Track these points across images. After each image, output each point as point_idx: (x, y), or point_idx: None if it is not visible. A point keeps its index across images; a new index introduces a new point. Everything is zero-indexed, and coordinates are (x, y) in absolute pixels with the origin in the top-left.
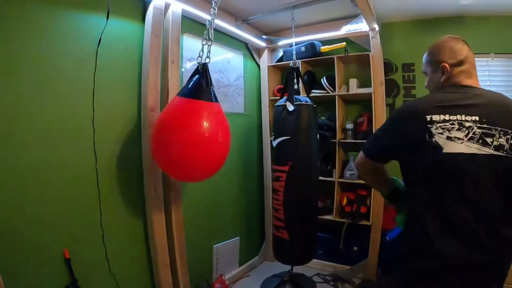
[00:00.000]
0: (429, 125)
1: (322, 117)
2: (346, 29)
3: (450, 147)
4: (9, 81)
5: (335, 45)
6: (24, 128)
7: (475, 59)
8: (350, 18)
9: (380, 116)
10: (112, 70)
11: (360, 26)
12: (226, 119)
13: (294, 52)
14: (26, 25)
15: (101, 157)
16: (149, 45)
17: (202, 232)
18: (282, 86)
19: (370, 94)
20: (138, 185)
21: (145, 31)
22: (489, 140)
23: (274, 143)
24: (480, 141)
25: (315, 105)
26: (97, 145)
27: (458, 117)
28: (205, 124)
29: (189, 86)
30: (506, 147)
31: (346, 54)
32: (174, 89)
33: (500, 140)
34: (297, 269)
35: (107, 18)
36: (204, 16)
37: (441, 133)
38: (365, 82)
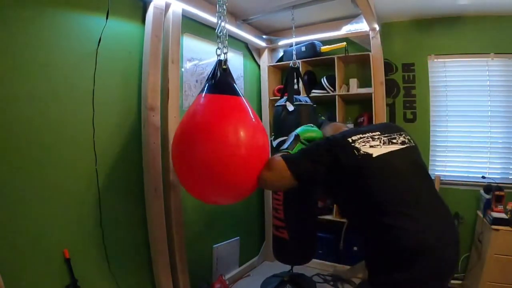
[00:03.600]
0: (352, 144)
1: (322, 117)
2: (346, 29)
3: (377, 152)
4: (9, 81)
5: (335, 45)
6: (23, 128)
7: (475, 59)
8: (350, 18)
9: (380, 116)
10: (112, 70)
11: (360, 26)
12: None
13: (294, 52)
14: (26, 25)
15: (101, 157)
16: (149, 45)
17: (202, 232)
18: (282, 86)
19: (370, 94)
20: (138, 185)
21: (145, 31)
22: (394, 141)
23: (274, 143)
24: (390, 143)
25: (315, 105)
26: (97, 145)
27: (368, 134)
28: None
29: (215, 81)
30: (406, 141)
31: (346, 54)
32: (174, 89)
33: (401, 138)
34: (297, 269)
35: (107, 18)
36: (204, 16)
37: (364, 145)
38: (365, 82)
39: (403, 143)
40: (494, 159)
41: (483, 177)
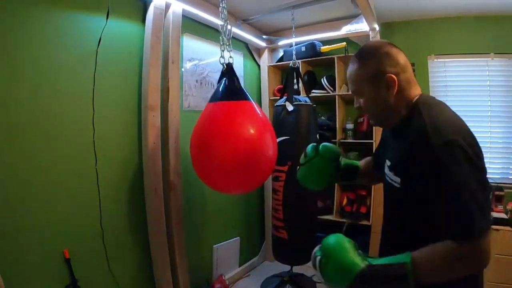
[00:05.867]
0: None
1: (322, 117)
2: (346, 29)
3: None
4: (9, 81)
5: (335, 45)
6: (23, 128)
7: (475, 59)
8: (350, 18)
9: None
10: (112, 70)
11: (360, 26)
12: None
13: (294, 52)
14: (25, 25)
15: (101, 157)
16: (149, 45)
17: (202, 232)
18: (282, 86)
19: None
20: (138, 185)
21: (145, 31)
22: None
23: None
24: None
25: (315, 105)
26: (97, 145)
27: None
28: (251, 124)
29: (220, 89)
30: None
31: (346, 54)
32: (174, 89)
33: None
34: (297, 269)
35: (107, 18)
36: (205, 16)
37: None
38: None
39: None
40: (494, 159)
41: None
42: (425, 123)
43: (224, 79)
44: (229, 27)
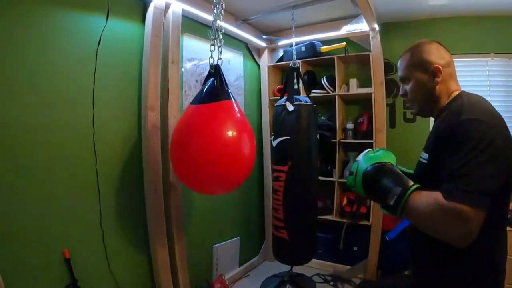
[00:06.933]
0: None
1: (322, 117)
2: (346, 29)
3: None
4: (9, 82)
5: (335, 45)
6: (24, 128)
7: (475, 59)
8: (350, 18)
9: (380, 116)
10: (112, 70)
11: (360, 26)
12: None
13: (294, 52)
14: (26, 25)
15: (101, 157)
16: (149, 45)
17: (202, 232)
18: (282, 86)
19: (370, 94)
20: (138, 185)
21: (145, 31)
22: None
23: (274, 143)
24: None
25: (315, 105)
26: (97, 145)
27: None
28: (230, 125)
29: (204, 90)
30: None
31: (346, 54)
32: (174, 89)
33: None
34: (297, 269)
35: (107, 18)
36: (205, 16)
37: None
38: (365, 82)
39: None
40: None
41: None
42: (462, 104)
43: (211, 79)
44: (219, 23)
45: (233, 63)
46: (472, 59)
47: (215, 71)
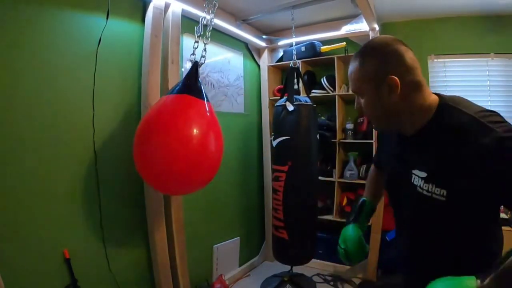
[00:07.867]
0: None
1: (322, 117)
2: (346, 29)
3: None
4: (9, 81)
5: (335, 45)
6: (24, 128)
7: (475, 59)
8: (350, 18)
9: None
10: (112, 70)
11: (360, 26)
12: (217, 120)
13: (294, 52)
14: (25, 25)
15: (101, 157)
16: (149, 45)
17: (202, 232)
18: (282, 86)
19: None
20: (138, 185)
21: (145, 31)
22: None
23: (274, 143)
24: None
25: (315, 105)
26: (97, 145)
27: None
28: (195, 123)
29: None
30: None
31: (346, 54)
32: None
33: None
34: (297, 269)
35: (107, 18)
36: (204, 16)
37: None
38: None
39: None
40: None
41: None
42: (470, 116)
43: (186, 75)
44: (209, 16)
45: (233, 63)
46: (472, 59)
47: (192, 67)
